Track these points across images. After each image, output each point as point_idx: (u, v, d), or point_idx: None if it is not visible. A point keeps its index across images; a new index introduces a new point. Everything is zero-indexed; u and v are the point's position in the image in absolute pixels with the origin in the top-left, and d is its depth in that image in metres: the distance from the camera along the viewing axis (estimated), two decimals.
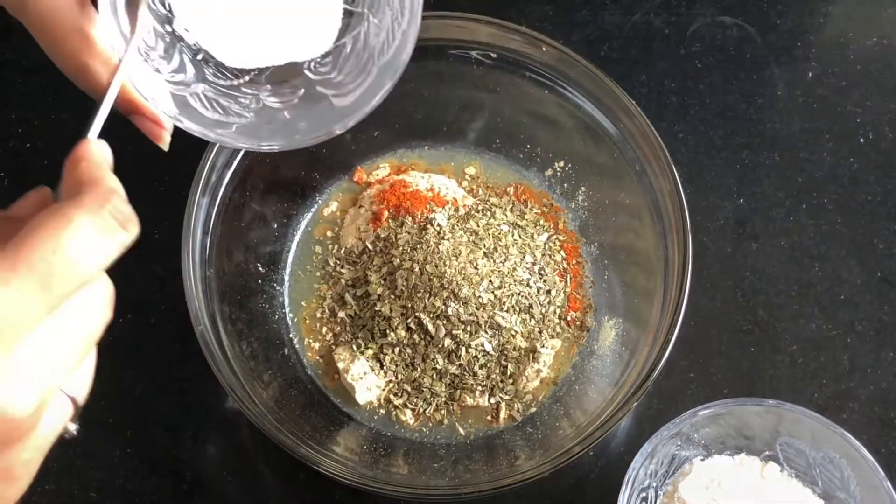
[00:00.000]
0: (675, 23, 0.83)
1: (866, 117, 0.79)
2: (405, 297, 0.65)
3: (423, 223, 0.68)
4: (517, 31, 0.66)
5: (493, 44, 0.67)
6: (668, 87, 0.80)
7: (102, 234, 0.33)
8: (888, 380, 0.69)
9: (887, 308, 0.71)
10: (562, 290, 0.69)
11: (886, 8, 0.84)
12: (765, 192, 0.76)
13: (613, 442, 0.67)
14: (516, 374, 0.66)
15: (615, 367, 0.65)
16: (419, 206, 0.69)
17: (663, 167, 0.63)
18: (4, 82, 0.80)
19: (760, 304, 0.71)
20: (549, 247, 0.71)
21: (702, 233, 0.73)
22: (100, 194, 0.34)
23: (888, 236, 0.74)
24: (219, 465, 0.66)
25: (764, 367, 0.69)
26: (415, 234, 0.68)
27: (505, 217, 0.71)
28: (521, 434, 0.66)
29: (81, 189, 0.35)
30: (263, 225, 0.71)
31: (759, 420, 0.60)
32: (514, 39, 0.66)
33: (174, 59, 0.48)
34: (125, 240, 0.34)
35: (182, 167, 0.62)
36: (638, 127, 0.64)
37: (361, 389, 0.65)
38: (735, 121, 0.79)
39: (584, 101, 0.67)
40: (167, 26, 0.47)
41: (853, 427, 0.59)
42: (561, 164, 0.73)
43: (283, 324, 0.69)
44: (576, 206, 0.73)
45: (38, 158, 0.76)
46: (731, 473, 0.60)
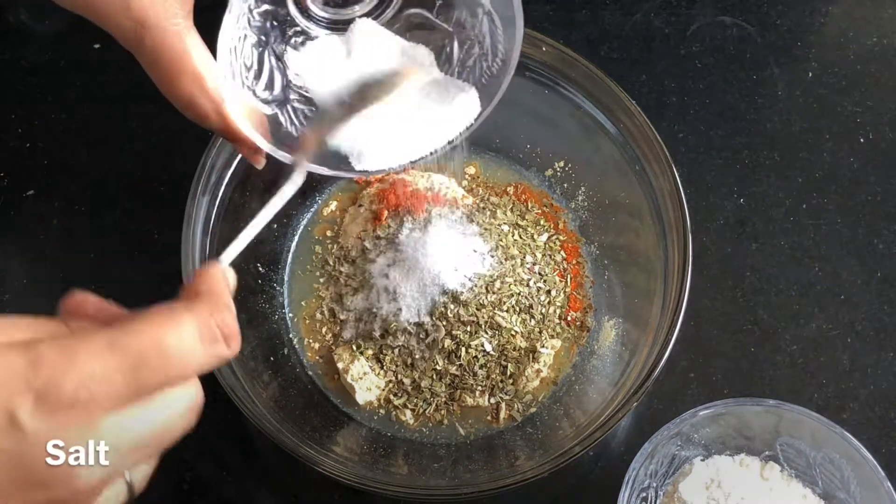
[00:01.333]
0: (675, 23, 0.83)
1: (866, 117, 0.79)
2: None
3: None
4: None
5: None
6: (668, 87, 0.80)
7: (203, 340, 0.35)
8: (888, 380, 0.69)
9: (887, 308, 0.71)
10: (562, 291, 0.69)
11: (886, 8, 0.84)
12: (765, 192, 0.76)
13: (613, 442, 0.67)
14: (516, 374, 0.66)
15: (615, 367, 0.65)
16: (419, 205, 0.69)
17: (663, 167, 0.63)
18: (4, 82, 0.80)
19: (760, 304, 0.71)
20: (550, 247, 0.71)
21: (702, 233, 0.73)
22: (213, 306, 0.36)
23: (888, 236, 0.74)
24: (219, 465, 0.66)
25: (764, 367, 0.69)
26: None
27: (506, 217, 0.71)
28: (521, 434, 0.65)
29: (198, 298, 0.37)
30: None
31: (759, 420, 0.60)
32: None
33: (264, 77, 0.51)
34: (224, 354, 0.36)
35: (182, 167, 0.62)
36: (638, 127, 0.64)
37: (361, 389, 0.65)
38: (735, 121, 0.79)
39: (584, 101, 0.67)
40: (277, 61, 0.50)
41: (853, 427, 0.59)
42: (561, 164, 0.73)
43: (283, 324, 0.69)
44: (576, 206, 0.73)
45: (38, 158, 0.77)
46: (731, 473, 0.60)
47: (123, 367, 0.32)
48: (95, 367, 0.31)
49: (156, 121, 0.77)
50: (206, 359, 0.35)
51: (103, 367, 0.32)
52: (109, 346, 0.32)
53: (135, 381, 0.32)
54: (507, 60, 0.51)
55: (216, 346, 0.35)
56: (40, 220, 0.74)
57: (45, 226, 0.74)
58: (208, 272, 0.39)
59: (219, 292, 0.38)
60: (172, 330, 0.34)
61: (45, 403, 0.31)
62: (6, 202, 0.75)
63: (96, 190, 0.75)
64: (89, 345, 0.32)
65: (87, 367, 0.31)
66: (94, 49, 0.81)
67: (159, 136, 0.77)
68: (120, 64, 0.81)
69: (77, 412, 0.31)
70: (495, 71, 0.52)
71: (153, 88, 0.84)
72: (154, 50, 0.47)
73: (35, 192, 0.75)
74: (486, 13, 0.50)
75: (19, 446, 0.30)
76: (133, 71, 0.50)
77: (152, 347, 0.33)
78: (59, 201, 0.75)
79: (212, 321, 0.35)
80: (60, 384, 0.31)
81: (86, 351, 0.32)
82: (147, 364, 0.33)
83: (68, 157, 0.77)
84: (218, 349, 0.35)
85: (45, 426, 0.31)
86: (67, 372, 0.31)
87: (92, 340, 0.32)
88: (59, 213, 0.74)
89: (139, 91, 0.79)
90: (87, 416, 0.31)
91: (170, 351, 0.33)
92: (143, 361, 0.33)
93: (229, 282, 0.40)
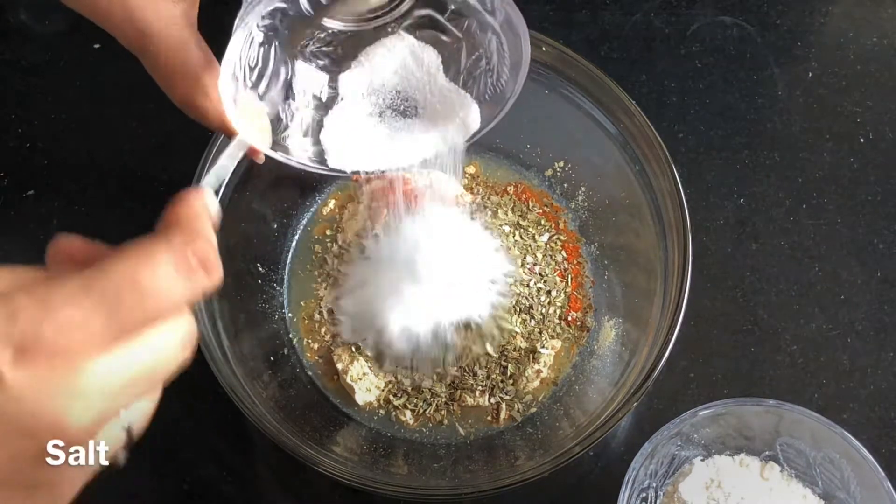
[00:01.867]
0: (675, 23, 0.83)
1: (866, 117, 0.79)
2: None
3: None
4: None
5: None
6: (668, 87, 0.80)
7: (180, 273, 0.34)
8: (888, 380, 0.69)
9: (887, 308, 0.71)
10: (562, 291, 0.69)
11: (886, 8, 0.84)
12: (765, 192, 0.76)
13: (613, 442, 0.67)
14: (516, 374, 0.66)
15: (615, 367, 0.65)
16: (418, 203, 0.69)
17: (663, 167, 0.63)
18: (4, 82, 0.80)
19: (760, 304, 0.71)
20: (551, 247, 0.71)
21: (702, 233, 0.73)
22: (189, 236, 0.35)
23: (888, 236, 0.74)
24: (219, 465, 0.66)
25: (764, 367, 0.69)
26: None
27: (507, 217, 0.71)
28: (521, 434, 0.65)
29: (174, 227, 0.36)
30: (263, 224, 0.71)
31: (759, 420, 0.60)
32: None
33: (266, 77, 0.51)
34: (204, 283, 0.34)
35: (182, 166, 0.62)
36: (638, 127, 0.64)
37: (361, 390, 0.65)
38: (735, 121, 0.79)
39: (584, 101, 0.67)
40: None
41: (853, 427, 0.59)
42: (561, 164, 0.73)
43: (283, 324, 0.69)
44: (576, 206, 0.73)
45: (38, 158, 0.77)
46: (731, 473, 0.60)
47: (100, 310, 0.31)
48: (72, 313, 0.31)
49: (156, 121, 0.77)
50: (185, 291, 0.34)
51: (80, 311, 0.31)
52: (84, 290, 0.31)
53: (114, 321, 0.32)
54: (506, 92, 0.51)
55: (195, 277, 0.34)
56: (40, 220, 0.74)
57: (45, 226, 0.74)
58: (184, 199, 0.38)
59: (194, 219, 0.36)
60: (146, 265, 0.33)
61: (25, 354, 0.30)
62: (6, 202, 0.75)
63: (96, 190, 0.75)
64: (64, 290, 0.31)
65: (63, 313, 0.31)
66: (94, 49, 0.81)
67: (159, 136, 0.77)
68: (120, 64, 0.81)
69: (58, 360, 0.31)
70: (498, 91, 0.52)
71: (153, 88, 0.84)
72: (156, 57, 0.48)
73: (35, 192, 0.75)
74: (494, 33, 0.50)
75: (2, 397, 0.30)
76: (133, 71, 0.50)
77: (127, 286, 0.32)
78: (59, 201, 0.75)
79: (188, 251, 0.34)
80: (38, 333, 0.30)
81: (61, 297, 0.31)
82: (123, 303, 0.32)
83: (68, 157, 0.77)
84: (197, 280, 0.34)
85: (27, 376, 0.30)
86: (44, 321, 0.30)
87: (66, 286, 0.31)
88: (59, 213, 0.74)
89: (139, 91, 0.79)
90: (69, 362, 0.31)
91: (145, 287, 0.32)
92: (118, 301, 0.32)
93: (210, 209, 0.38)
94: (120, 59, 0.80)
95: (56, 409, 0.31)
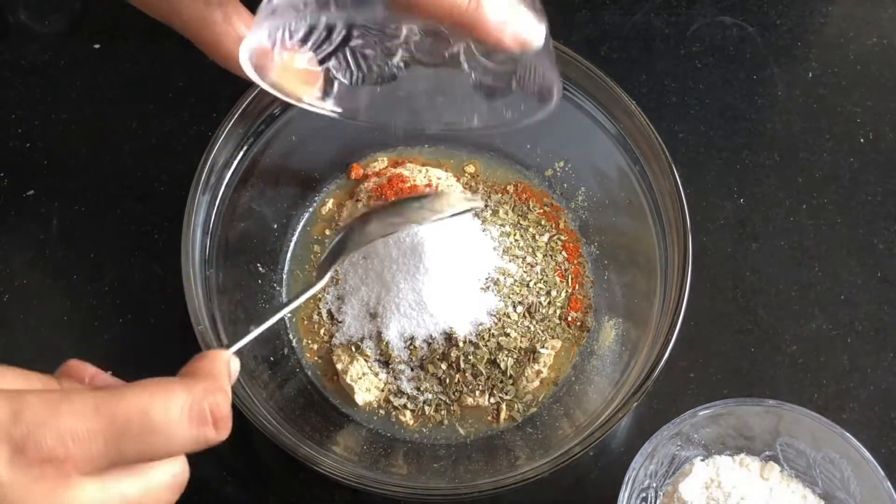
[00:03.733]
0: (675, 23, 0.83)
1: (866, 117, 0.79)
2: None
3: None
4: None
5: None
6: (668, 87, 0.80)
7: (191, 419, 0.34)
8: (888, 380, 0.69)
9: (887, 308, 0.71)
10: (563, 291, 0.69)
11: (886, 8, 0.84)
12: (765, 192, 0.76)
13: (613, 442, 0.67)
14: (516, 374, 0.66)
15: (615, 367, 0.65)
16: None
17: (663, 167, 0.63)
18: (4, 82, 0.80)
19: (760, 304, 0.71)
20: (551, 247, 0.71)
21: (702, 233, 0.73)
22: (209, 387, 0.35)
23: (888, 236, 0.74)
24: (219, 465, 0.66)
25: (764, 367, 0.69)
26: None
27: (507, 217, 0.71)
28: (521, 434, 0.65)
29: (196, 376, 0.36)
30: (263, 224, 0.70)
31: (759, 420, 0.60)
32: None
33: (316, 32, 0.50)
34: (211, 437, 0.35)
35: (182, 167, 0.62)
36: (638, 127, 0.64)
37: (360, 390, 0.65)
38: (735, 121, 0.79)
39: (584, 101, 0.67)
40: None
41: (853, 427, 0.59)
42: (561, 164, 0.73)
43: (283, 324, 0.69)
44: (576, 206, 0.73)
45: (38, 158, 0.76)
46: (731, 473, 0.60)
47: (105, 431, 0.32)
48: (77, 427, 0.31)
49: (156, 121, 0.77)
50: (191, 438, 0.34)
51: (85, 427, 0.31)
52: (94, 409, 0.32)
53: (115, 446, 0.32)
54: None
55: (203, 428, 0.34)
56: (40, 220, 0.74)
57: (45, 226, 0.74)
58: (211, 354, 0.38)
59: (218, 375, 0.37)
60: (161, 401, 0.33)
61: (22, 455, 0.30)
62: (6, 202, 0.75)
63: (96, 190, 0.75)
64: (74, 404, 0.32)
65: (68, 424, 0.31)
66: (94, 49, 0.81)
67: (159, 136, 0.77)
68: (120, 64, 0.81)
69: (53, 468, 0.31)
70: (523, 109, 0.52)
71: (153, 88, 0.84)
72: (187, 20, 0.48)
73: (35, 192, 0.75)
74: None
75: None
76: (133, 71, 0.50)
77: (137, 416, 0.32)
78: (59, 201, 0.75)
79: (204, 401, 0.34)
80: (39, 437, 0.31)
81: (70, 409, 0.31)
82: (129, 432, 0.32)
83: (68, 157, 0.77)
84: (205, 431, 0.34)
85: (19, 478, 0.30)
86: (48, 427, 0.31)
87: (78, 400, 0.32)
88: (59, 213, 0.74)
89: (139, 91, 0.80)
90: (63, 474, 0.31)
91: (154, 423, 0.33)
92: (126, 428, 0.32)
93: (232, 370, 0.39)
94: (120, 59, 0.81)
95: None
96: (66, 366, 0.38)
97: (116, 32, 0.82)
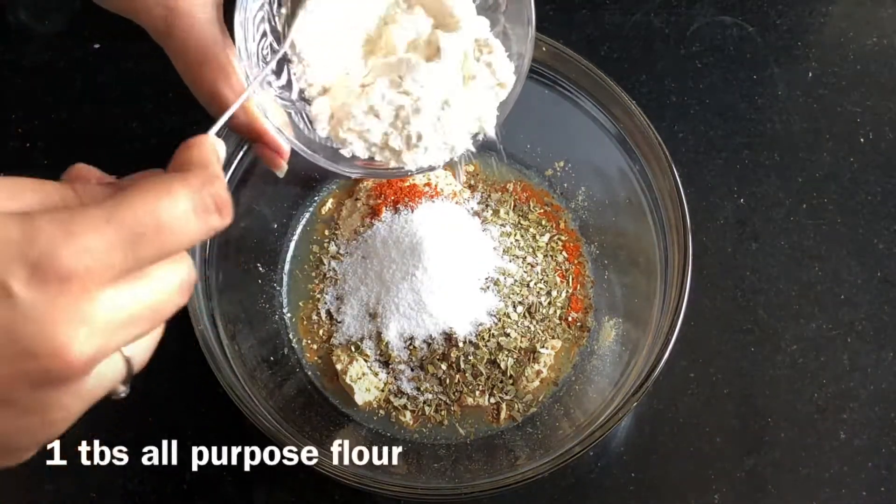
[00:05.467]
0: (675, 23, 0.83)
1: (866, 117, 0.79)
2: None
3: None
4: None
5: None
6: (668, 86, 0.80)
7: (197, 212, 0.35)
8: (888, 380, 0.69)
9: (887, 308, 0.71)
10: (563, 291, 0.69)
11: (886, 8, 0.84)
12: (765, 192, 0.76)
13: (613, 442, 0.67)
14: (516, 374, 0.66)
15: (615, 367, 0.65)
16: (417, 200, 0.69)
17: (663, 167, 0.63)
18: (4, 82, 0.80)
19: (760, 304, 0.71)
20: (552, 247, 0.71)
21: (702, 233, 0.73)
22: (205, 176, 0.36)
23: (888, 236, 0.74)
24: (219, 465, 0.66)
25: (764, 367, 0.69)
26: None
27: (508, 217, 0.71)
28: (521, 434, 0.65)
29: (189, 168, 0.37)
30: (263, 225, 0.70)
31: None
32: None
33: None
34: (217, 224, 0.36)
35: None
36: (638, 127, 0.64)
37: (360, 390, 0.65)
38: (735, 121, 0.79)
39: (584, 101, 0.67)
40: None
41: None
42: (561, 164, 0.73)
43: (283, 324, 0.69)
44: (576, 206, 0.73)
45: (38, 158, 0.76)
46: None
47: (121, 240, 0.32)
48: (93, 241, 0.31)
49: (156, 121, 0.77)
50: (200, 230, 0.35)
51: (101, 240, 0.32)
52: (106, 220, 0.32)
53: (132, 253, 0.32)
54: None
55: (210, 218, 0.35)
56: None
57: None
58: (197, 142, 0.39)
59: (210, 162, 0.38)
60: (168, 202, 0.34)
61: (40, 274, 0.31)
62: None
63: None
64: (86, 218, 0.32)
65: (84, 240, 0.31)
66: (94, 49, 0.81)
67: (159, 136, 0.77)
68: (120, 64, 0.81)
69: (73, 284, 0.31)
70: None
71: (153, 88, 0.84)
72: (183, 39, 0.48)
73: None
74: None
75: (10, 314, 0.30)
76: (133, 71, 0.50)
77: (149, 220, 0.33)
78: None
79: (205, 191, 0.35)
80: (57, 256, 0.31)
81: (83, 224, 0.32)
82: (144, 237, 0.33)
83: (68, 157, 0.76)
84: (211, 220, 0.35)
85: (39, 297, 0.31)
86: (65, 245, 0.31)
87: (89, 213, 0.32)
88: None
89: (139, 91, 0.80)
90: (83, 288, 0.31)
91: (166, 223, 0.33)
92: (140, 234, 0.33)
93: (219, 152, 0.39)
94: (120, 59, 0.81)
95: (61, 333, 0.31)
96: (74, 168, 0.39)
97: (116, 32, 0.81)
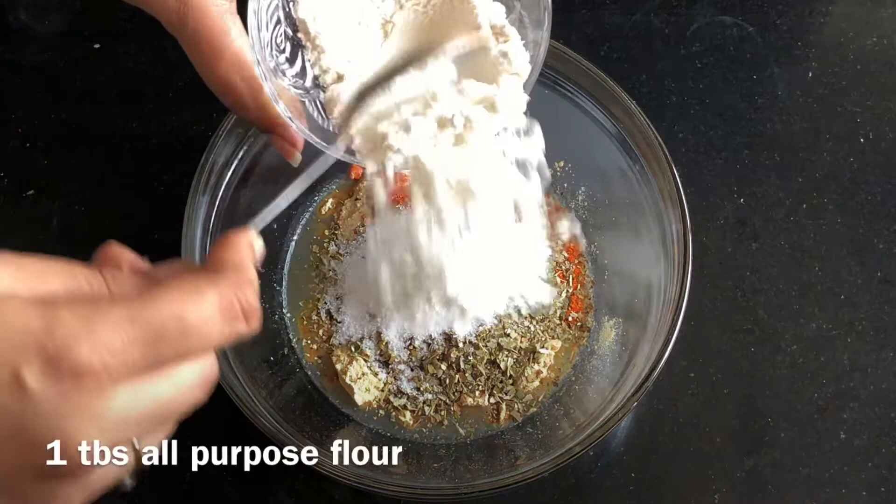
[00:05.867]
0: (675, 23, 0.83)
1: (866, 117, 0.79)
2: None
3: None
4: None
5: None
6: (668, 87, 0.80)
7: (224, 317, 0.34)
8: (888, 380, 0.69)
9: (887, 308, 0.71)
10: (563, 291, 0.69)
11: (886, 8, 0.84)
12: (765, 192, 0.76)
13: (613, 442, 0.67)
14: (516, 374, 0.66)
15: (615, 367, 0.65)
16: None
17: (663, 167, 0.63)
18: (4, 82, 0.80)
19: (760, 304, 0.71)
20: (552, 247, 0.71)
21: (702, 233, 0.73)
22: (237, 281, 0.36)
23: (888, 236, 0.74)
24: (219, 466, 0.66)
25: (764, 367, 0.69)
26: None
27: None
28: (521, 434, 0.65)
29: (223, 269, 0.36)
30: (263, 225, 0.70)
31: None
32: None
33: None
34: (242, 331, 0.35)
35: (182, 167, 0.62)
36: (638, 127, 0.64)
37: (360, 390, 0.65)
38: (735, 121, 0.79)
39: (584, 101, 0.67)
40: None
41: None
42: (561, 164, 0.73)
43: (283, 324, 0.69)
44: (576, 206, 0.73)
45: (38, 158, 0.76)
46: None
47: (142, 340, 0.32)
48: (113, 339, 0.31)
49: (156, 121, 0.77)
50: (224, 335, 0.35)
51: (121, 338, 0.31)
52: (129, 319, 0.32)
53: (152, 354, 0.32)
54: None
55: (236, 324, 0.35)
56: (40, 221, 0.74)
57: (45, 226, 0.74)
58: (235, 241, 0.38)
59: (244, 266, 0.37)
60: (194, 304, 0.33)
61: (55, 367, 0.30)
62: (6, 202, 0.75)
63: (96, 190, 0.75)
64: (110, 315, 0.32)
65: (104, 336, 0.31)
66: (94, 49, 0.81)
67: (159, 136, 0.77)
68: (120, 64, 0.81)
69: (87, 380, 0.31)
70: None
71: (153, 88, 0.84)
72: (196, 30, 0.47)
73: (35, 192, 0.75)
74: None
75: (20, 406, 0.30)
76: (133, 71, 0.50)
77: (173, 322, 0.33)
78: (59, 201, 0.75)
79: (233, 296, 0.35)
80: (75, 350, 0.30)
81: (104, 320, 0.31)
82: (166, 338, 0.32)
83: (68, 157, 0.77)
84: (237, 326, 0.35)
85: (51, 390, 0.30)
86: (84, 341, 0.31)
87: (112, 310, 0.32)
88: (59, 213, 0.74)
89: (139, 91, 0.80)
90: (98, 384, 0.31)
91: (190, 326, 0.33)
92: (162, 335, 0.32)
93: (255, 252, 0.39)
94: (120, 59, 0.81)
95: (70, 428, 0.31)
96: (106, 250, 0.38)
97: (116, 32, 0.81)
